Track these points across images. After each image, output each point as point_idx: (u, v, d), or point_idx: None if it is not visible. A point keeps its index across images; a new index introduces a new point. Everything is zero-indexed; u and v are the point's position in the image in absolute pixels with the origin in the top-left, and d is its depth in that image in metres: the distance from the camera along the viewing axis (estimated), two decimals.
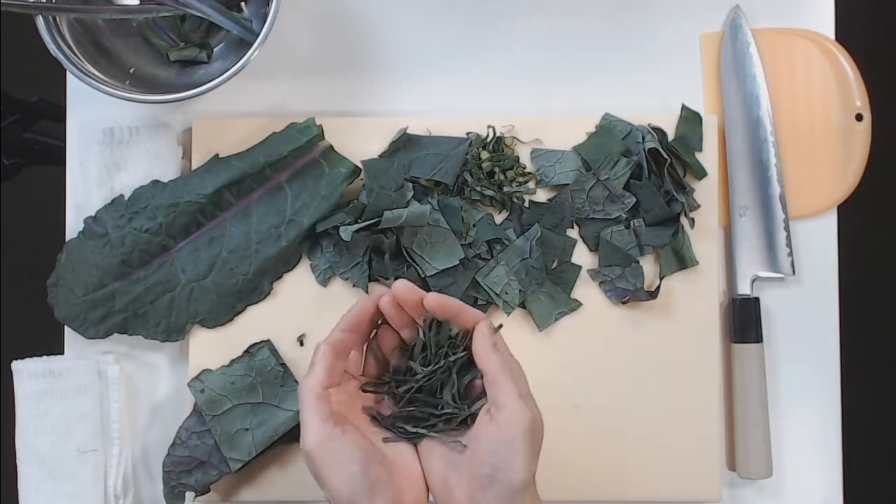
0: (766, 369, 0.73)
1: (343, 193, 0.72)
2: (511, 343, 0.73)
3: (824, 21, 0.77)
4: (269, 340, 0.72)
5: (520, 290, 0.72)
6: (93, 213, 0.72)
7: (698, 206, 0.73)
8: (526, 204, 0.73)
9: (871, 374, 0.77)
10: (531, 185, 0.73)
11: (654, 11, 0.77)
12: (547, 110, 0.76)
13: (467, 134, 0.73)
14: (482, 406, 0.57)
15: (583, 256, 0.73)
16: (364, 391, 0.61)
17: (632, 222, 0.72)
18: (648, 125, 0.73)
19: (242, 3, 0.75)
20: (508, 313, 0.72)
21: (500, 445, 0.55)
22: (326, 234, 0.72)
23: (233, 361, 0.72)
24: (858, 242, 0.76)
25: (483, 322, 0.58)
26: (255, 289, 0.72)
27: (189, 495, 0.71)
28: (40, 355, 0.73)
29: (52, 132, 0.77)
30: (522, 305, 0.72)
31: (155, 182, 0.72)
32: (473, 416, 0.58)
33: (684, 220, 0.73)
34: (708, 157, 0.74)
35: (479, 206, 0.73)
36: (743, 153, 0.75)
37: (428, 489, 0.58)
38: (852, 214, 0.76)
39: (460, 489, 0.56)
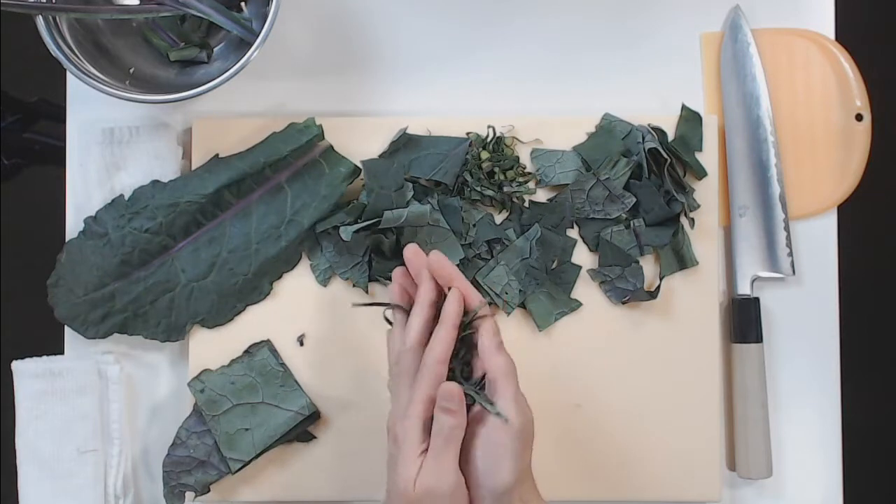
0: (766, 369, 0.73)
1: (343, 193, 0.72)
2: (511, 343, 0.73)
3: (824, 21, 0.77)
4: (268, 340, 0.72)
5: (520, 290, 0.72)
6: (93, 213, 0.72)
7: (698, 206, 0.73)
8: (526, 204, 0.73)
9: (871, 374, 0.77)
10: (531, 185, 0.73)
11: (654, 11, 0.77)
12: (547, 110, 0.76)
13: (467, 134, 0.73)
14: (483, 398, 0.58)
15: (583, 256, 0.73)
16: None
17: (632, 222, 0.72)
18: (648, 125, 0.73)
19: (242, 3, 0.75)
20: (509, 313, 0.72)
21: (488, 449, 0.57)
22: (326, 234, 0.72)
23: (233, 361, 0.72)
24: (858, 242, 0.76)
25: (489, 321, 0.60)
26: (255, 289, 0.72)
27: (189, 495, 0.71)
28: (40, 355, 0.73)
29: (52, 132, 0.77)
30: (522, 305, 0.72)
31: (155, 182, 0.72)
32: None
33: (684, 220, 0.73)
34: (708, 157, 0.74)
35: (479, 206, 0.73)
36: (743, 153, 0.75)
37: None
38: (852, 214, 0.76)
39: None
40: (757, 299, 0.73)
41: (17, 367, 0.72)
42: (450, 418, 0.56)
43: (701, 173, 0.73)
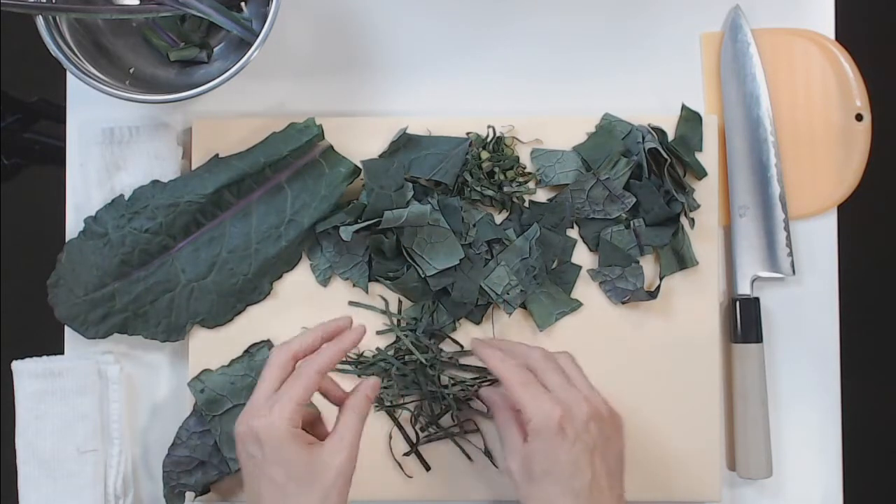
0: (766, 369, 0.73)
1: (343, 193, 0.72)
2: None
3: (824, 21, 0.76)
4: (268, 340, 0.72)
5: (520, 290, 0.72)
6: (93, 213, 0.72)
7: (698, 206, 0.73)
8: (526, 204, 0.73)
9: (871, 374, 0.77)
10: (531, 185, 0.73)
11: (654, 11, 0.77)
12: (547, 110, 0.76)
13: (467, 134, 0.73)
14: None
15: (583, 256, 0.73)
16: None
17: (632, 222, 0.72)
18: (648, 125, 0.73)
19: (242, 3, 0.75)
20: (510, 313, 0.72)
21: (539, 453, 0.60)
22: (326, 234, 0.72)
23: (233, 361, 0.72)
24: (858, 242, 0.76)
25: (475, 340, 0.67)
26: (255, 289, 0.72)
27: (189, 495, 0.71)
28: (40, 355, 0.73)
29: (52, 132, 0.77)
30: (523, 305, 0.72)
31: (155, 182, 0.72)
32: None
33: (684, 220, 0.73)
34: (708, 157, 0.74)
35: (479, 206, 0.73)
36: (743, 153, 0.75)
37: None
38: (852, 214, 0.76)
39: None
40: (757, 299, 0.73)
41: (17, 367, 0.72)
42: (367, 404, 0.62)
43: (701, 173, 0.73)
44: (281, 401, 0.58)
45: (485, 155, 0.72)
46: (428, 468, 0.72)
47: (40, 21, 0.67)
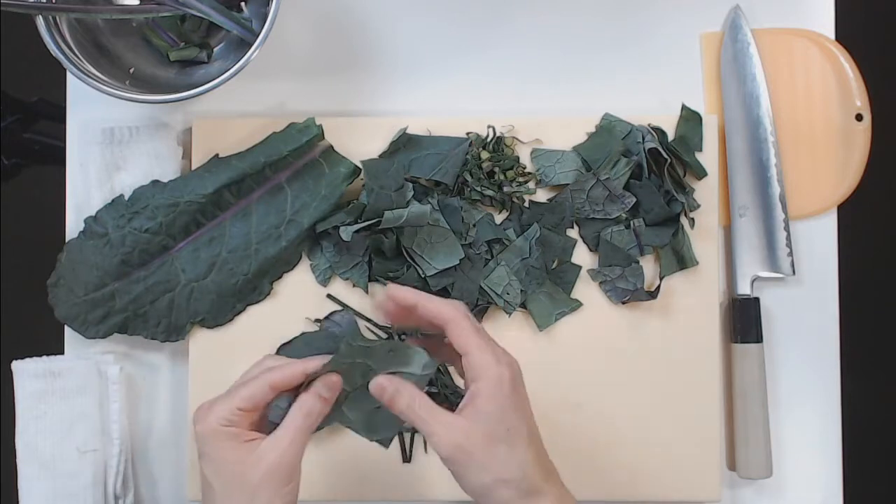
0: (766, 369, 0.73)
1: (343, 193, 0.72)
2: (511, 343, 0.72)
3: (824, 21, 0.77)
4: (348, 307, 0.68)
5: (520, 290, 0.72)
6: (93, 213, 0.72)
7: (698, 206, 0.73)
8: (526, 204, 0.73)
9: (871, 374, 0.77)
10: (531, 185, 0.73)
11: (654, 11, 0.77)
12: (547, 110, 0.76)
13: (467, 134, 0.73)
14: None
15: (583, 256, 0.73)
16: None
17: (632, 222, 0.72)
18: (648, 125, 0.73)
19: (242, 3, 0.75)
20: (510, 313, 0.72)
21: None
22: (326, 234, 0.72)
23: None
24: (858, 242, 0.76)
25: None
26: (255, 289, 0.72)
27: None
28: (40, 355, 0.73)
29: (52, 132, 0.77)
30: (523, 305, 0.72)
31: (155, 182, 0.72)
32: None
33: (684, 220, 0.73)
34: (708, 157, 0.74)
35: (479, 206, 0.73)
36: (743, 153, 0.75)
37: None
38: (852, 214, 0.76)
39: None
40: (757, 299, 0.73)
41: (17, 367, 0.72)
42: (319, 404, 0.56)
43: (701, 173, 0.73)
44: (221, 401, 0.56)
45: (485, 155, 0.72)
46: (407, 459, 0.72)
47: (40, 21, 0.67)
